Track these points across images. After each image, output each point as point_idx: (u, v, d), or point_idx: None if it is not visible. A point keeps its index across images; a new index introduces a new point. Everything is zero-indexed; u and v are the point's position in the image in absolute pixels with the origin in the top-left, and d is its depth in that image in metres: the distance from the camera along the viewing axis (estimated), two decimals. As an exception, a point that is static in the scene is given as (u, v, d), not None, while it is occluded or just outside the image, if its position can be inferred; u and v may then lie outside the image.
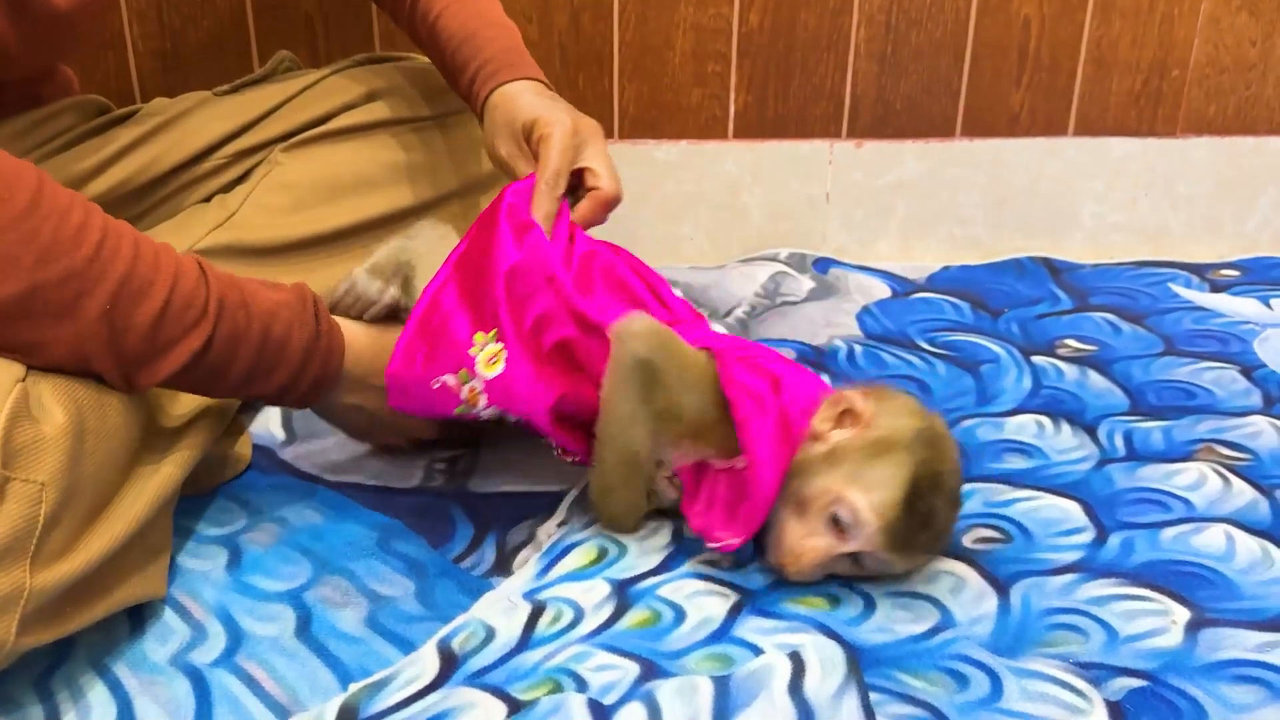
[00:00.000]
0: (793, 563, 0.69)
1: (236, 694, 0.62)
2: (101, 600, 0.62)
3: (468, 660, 0.65)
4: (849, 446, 0.68)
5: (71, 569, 0.58)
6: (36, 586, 0.55)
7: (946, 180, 1.31)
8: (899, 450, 0.67)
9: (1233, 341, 1.09)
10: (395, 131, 1.02)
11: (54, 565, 0.57)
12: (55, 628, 0.59)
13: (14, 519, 0.54)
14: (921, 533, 0.68)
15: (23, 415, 0.56)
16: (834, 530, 0.68)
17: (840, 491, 0.67)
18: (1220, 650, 0.65)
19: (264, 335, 0.68)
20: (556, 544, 0.76)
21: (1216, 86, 1.30)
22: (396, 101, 1.02)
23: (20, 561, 0.54)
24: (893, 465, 0.67)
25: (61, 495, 0.57)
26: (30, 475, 0.55)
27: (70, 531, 0.58)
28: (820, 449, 0.70)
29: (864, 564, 0.69)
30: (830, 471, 0.68)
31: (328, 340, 0.72)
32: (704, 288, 1.23)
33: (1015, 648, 0.66)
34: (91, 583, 0.60)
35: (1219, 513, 0.79)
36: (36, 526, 0.55)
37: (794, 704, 0.61)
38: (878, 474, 0.67)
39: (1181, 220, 1.35)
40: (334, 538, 0.77)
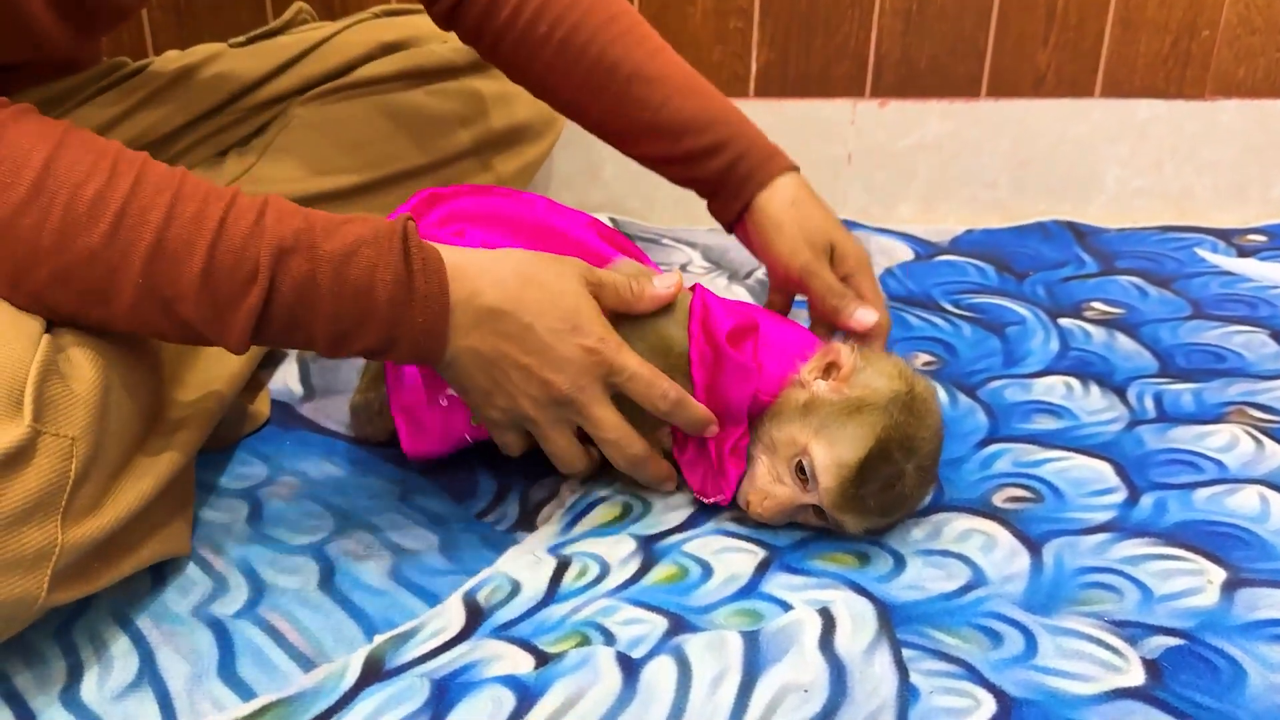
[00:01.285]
0: (756, 504, 0.69)
1: (260, 645, 0.61)
2: (129, 557, 0.61)
3: (494, 613, 0.64)
4: (825, 399, 0.68)
5: (101, 525, 0.57)
6: (68, 542, 0.55)
7: (970, 142, 1.29)
8: (872, 411, 0.66)
9: (1261, 306, 1.07)
10: (414, 85, 1.00)
11: (84, 521, 0.56)
12: (84, 584, 0.58)
13: (45, 474, 0.53)
14: (879, 496, 0.66)
15: (52, 370, 0.55)
16: (799, 480, 0.68)
17: (806, 443, 0.67)
18: (1257, 610, 0.64)
19: (338, 283, 0.60)
20: (580, 500, 0.75)
21: (1247, 48, 1.27)
22: (415, 55, 1.00)
23: (52, 517, 0.54)
24: (862, 426, 0.66)
25: (91, 450, 0.56)
26: (61, 430, 0.55)
27: (99, 487, 0.58)
28: (800, 396, 0.69)
29: (826, 518, 0.69)
30: (803, 421, 0.67)
31: (423, 280, 0.61)
32: (723, 249, 1.21)
33: (1049, 606, 0.65)
34: (118, 540, 0.60)
35: (1252, 474, 0.78)
36: (68, 482, 0.54)
37: (825, 659, 0.60)
38: (846, 432, 0.66)
39: (1207, 185, 1.33)
40: (355, 492, 0.76)
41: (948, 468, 0.79)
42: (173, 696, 0.58)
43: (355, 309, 0.61)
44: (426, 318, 0.62)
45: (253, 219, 0.59)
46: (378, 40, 0.99)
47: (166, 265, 0.57)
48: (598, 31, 0.82)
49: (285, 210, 0.60)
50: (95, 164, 0.57)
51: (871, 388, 0.68)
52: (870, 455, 0.65)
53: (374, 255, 0.60)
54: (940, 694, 0.58)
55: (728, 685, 0.58)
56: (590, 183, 1.30)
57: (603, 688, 0.58)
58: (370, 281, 0.60)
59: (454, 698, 0.57)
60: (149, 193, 0.58)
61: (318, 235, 0.60)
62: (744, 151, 0.83)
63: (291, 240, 0.59)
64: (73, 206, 0.56)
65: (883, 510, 0.67)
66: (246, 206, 0.59)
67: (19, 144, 0.56)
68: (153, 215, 0.57)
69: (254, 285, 0.58)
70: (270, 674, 0.59)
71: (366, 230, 0.61)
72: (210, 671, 0.59)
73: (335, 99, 0.98)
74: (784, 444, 0.68)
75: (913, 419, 0.67)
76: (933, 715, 0.56)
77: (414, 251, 0.61)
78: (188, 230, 0.58)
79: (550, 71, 0.84)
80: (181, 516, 0.68)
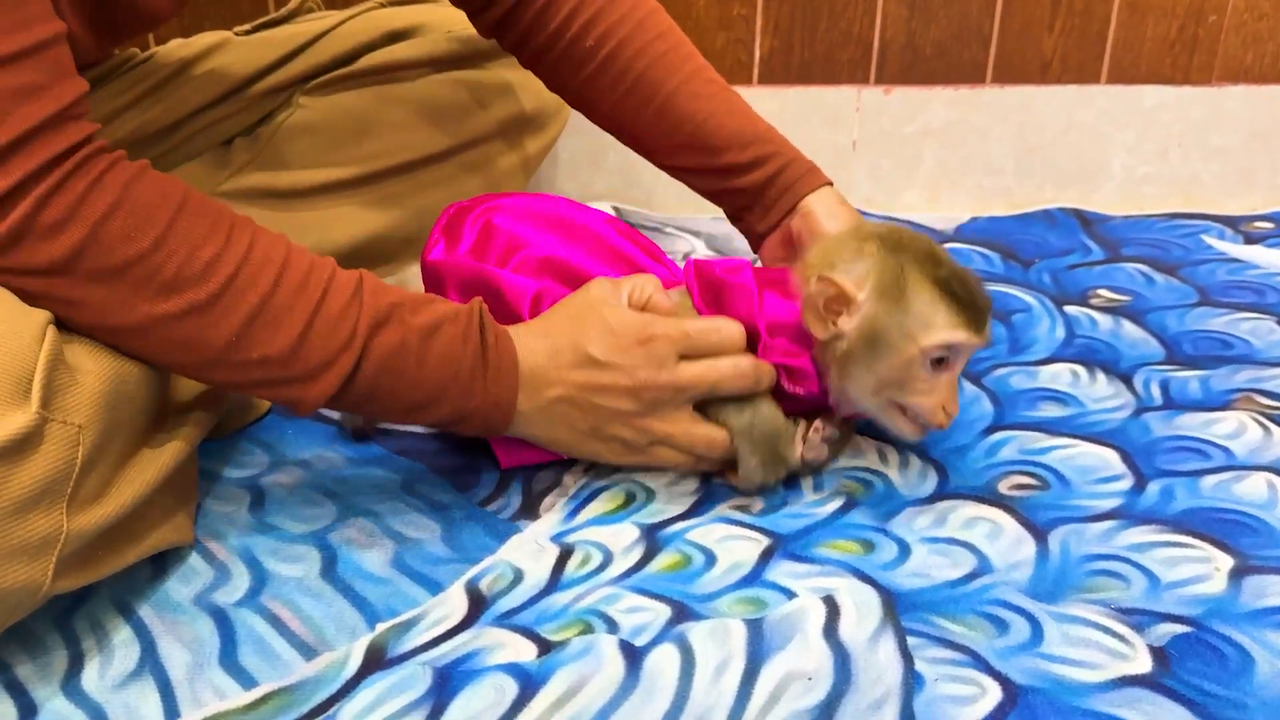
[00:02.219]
0: (946, 416, 0.68)
1: (261, 633, 0.61)
2: (132, 546, 0.62)
3: (496, 601, 0.63)
4: (870, 318, 0.66)
5: (105, 513, 0.57)
6: (73, 530, 0.55)
7: (976, 128, 1.28)
8: (904, 279, 0.66)
9: (1269, 293, 1.06)
10: (420, 74, 1.00)
11: (89, 509, 0.56)
12: (88, 572, 0.58)
13: (52, 461, 0.54)
14: (979, 302, 0.67)
15: (59, 359, 0.56)
16: (942, 368, 0.67)
17: (921, 344, 0.66)
18: (1265, 597, 0.64)
19: (424, 353, 0.64)
20: (583, 489, 0.75)
21: (1255, 33, 1.26)
22: (422, 44, 1.00)
23: (58, 504, 0.54)
24: (916, 289, 0.66)
25: (97, 439, 0.56)
26: (68, 417, 0.55)
27: (104, 475, 0.58)
28: (848, 342, 0.68)
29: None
30: (886, 347, 0.66)
31: (495, 355, 0.66)
32: (727, 238, 1.21)
33: (1055, 593, 0.64)
34: (123, 528, 0.60)
35: (1260, 461, 0.77)
36: (74, 469, 0.55)
37: (829, 647, 0.59)
38: (917, 305, 0.66)
39: (1214, 172, 1.32)
40: (358, 480, 0.75)
41: (954, 455, 0.78)
42: (174, 685, 0.58)
43: (438, 378, 0.65)
44: (498, 387, 0.66)
45: (351, 291, 0.63)
46: (383, 29, 0.99)
47: (263, 328, 0.60)
48: (643, 49, 0.83)
49: (379, 287, 0.65)
50: (214, 227, 0.60)
51: (866, 269, 0.67)
52: (947, 291, 0.65)
53: (456, 330, 0.65)
54: (945, 682, 0.57)
55: (731, 673, 0.58)
56: (594, 171, 1.30)
57: (605, 676, 0.58)
58: (451, 354, 0.65)
59: (456, 686, 0.57)
60: (259, 260, 0.61)
61: (407, 311, 0.64)
62: (787, 164, 0.83)
63: (386, 313, 0.63)
64: (189, 264, 0.59)
65: (988, 298, 0.68)
66: (346, 280, 0.63)
67: (145, 199, 0.58)
68: (262, 280, 0.60)
69: (347, 352, 0.62)
70: (272, 662, 0.59)
71: (448, 308, 0.66)
72: (212, 660, 0.59)
73: (340, 88, 0.97)
74: (902, 371, 0.67)
75: (909, 243, 0.68)
76: (937, 703, 0.56)
77: (489, 328, 0.66)
78: (291, 297, 0.61)
79: (591, 85, 0.85)
80: (185, 506, 0.68)
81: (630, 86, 0.83)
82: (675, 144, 0.84)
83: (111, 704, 0.56)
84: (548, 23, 0.83)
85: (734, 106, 0.84)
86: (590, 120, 0.89)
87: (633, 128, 0.86)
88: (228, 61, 0.95)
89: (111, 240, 0.57)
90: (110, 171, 0.57)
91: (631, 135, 0.87)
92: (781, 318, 0.71)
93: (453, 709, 0.56)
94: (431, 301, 0.66)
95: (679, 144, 0.84)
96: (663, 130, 0.84)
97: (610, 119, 0.87)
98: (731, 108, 0.84)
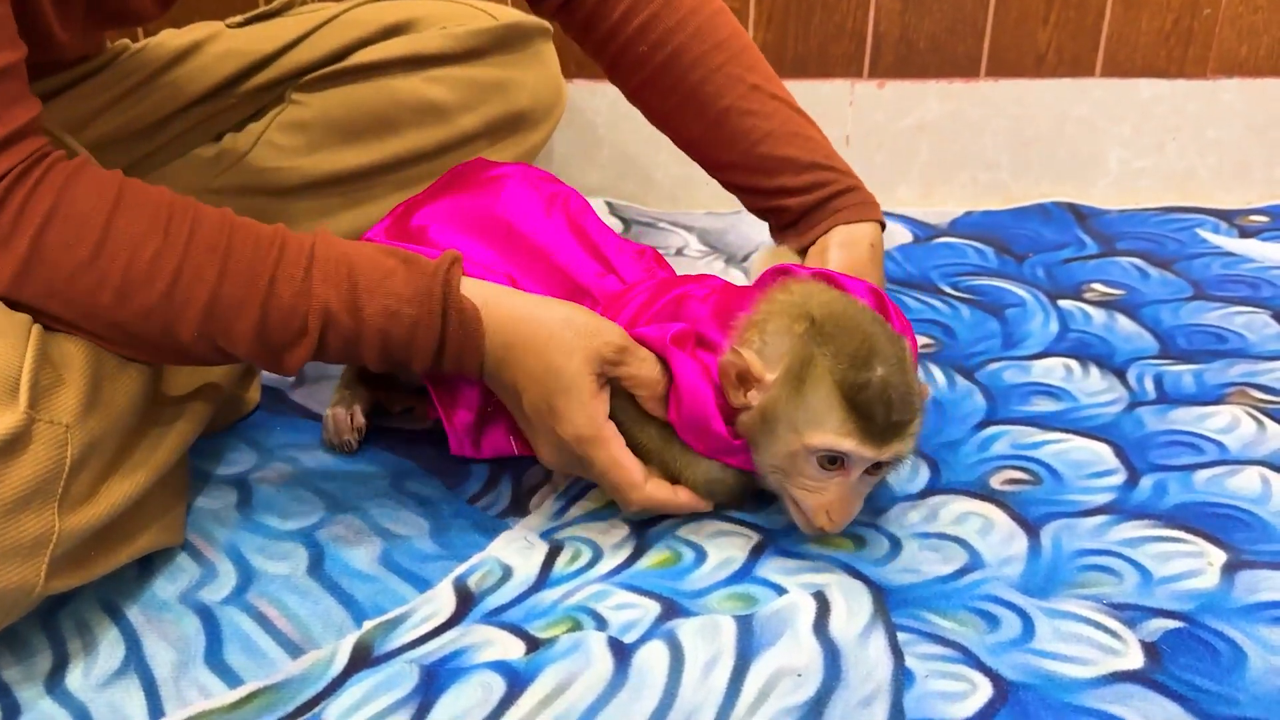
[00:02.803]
0: (831, 520, 0.64)
1: (248, 631, 0.61)
2: (124, 547, 0.62)
3: (485, 598, 0.63)
4: (771, 400, 0.63)
5: (97, 514, 0.57)
6: (65, 530, 0.55)
7: (970, 122, 1.28)
8: (808, 370, 0.62)
9: (1264, 286, 1.06)
10: (415, 69, 0.99)
11: (81, 509, 0.56)
12: (80, 573, 0.58)
13: (42, 461, 0.54)
14: (890, 415, 0.61)
15: (45, 359, 0.56)
16: (832, 469, 0.63)
17: (803, 443, 0.62)
18: (1258, 592, 0.63)
19: (383, 341, 0.63)
20: (573, 485, 0.74)
21: (1249, 26, 1.26)
22: (415, 40, 0.99)
23: (49, 504, 0.54)
24: (816, 386, 0.61)
25: (86, 438, 0.56)
26: (55, 417, 0.55)
27: (96, 475, 0.58)
28: (751, 419, 0.64)
29: (879, 470, 0.65)
30: (776, 433, 0.63)
31: (459, 339, 0.63)
32: (720, 232, 1.20)
33: (1046, 589, 0.64)
34: (116, 528, 0.60)
35: (1253, 455, 0.77)
36: (64, 469, 0.55)
37: (819, 643, 0.59)
38: (812, 404, 0.61)
39: (1210, 165, 1.31)
40: (346, 477, 0.75)
41: (945, 450, 0.78)
42: (159, 684, 0.57)
43: (399, 355, 0.64)
44: (457, 365, 0.65)
45: (300, 277, 0.61)
46: (379, 23, 0.98)
47: (221, 321, 0.60)
48: (701, 59, 0.80)
49: (330, 266, 0.62)
50: (151, 222, 0.59)
51: (785, 348, 0.63)
52: (846, 396, 0.61)
53: (415, 316, 0.63)
54: (936, 678, 0.57)
55: (720, 670, 0.57)
56: (587, 165, 1.29)
57: (594, 673, 0.57)
58: (410, 339, 0.63)
59: (443, 684, 0.57)
60: (202, 250, 0.60)
61: (361, 296, 0.62)
62: (844, 190, 0.81)
63: (336, 303, 0.62)
64: (131, 268, 0.58)
65: (906, 411, 0.62)
66: (293, 261, 0.61)
67: (80, 204, 0.58)
68: (208, 273, 0.60)
69: (304, 338, 0.62)
70: (258, 661, 0.59)
71: (408, 289, 0.63)
72: (197, 658, 0.59)
73: (333, 84, 0.97)
74: (788, 461, 0.64)
75: (840, 332, 0.62)
76: (928, 700, 0.56)
77: (452, 314, 0.63)
78: (240, 289, 0.60)
79: (645, 91, 0.84)
80: (177, 507, 0.68)
81: (684, 99, 0.81)
82: (728, 162, 0.83)
83: (96, 703, 0.56)
84: (606, 16, 0.81)
85: (794, 129, 0.81)
86: (649, 122, 0.87)
87: (687, 137, 0.85)
88: (219, 56, 0.94)
89: (53, 252, 0.57)
90: (46, 176, 0.58)
91: (686, 144, 0.86)
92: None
93: (439, 707, 0.55)
94: (390, 276, 0.63)
95: (731, 162, 0.83)
96: (715, 146, 0.82)
97: (664, 125, 0.86)
98: (791, 129, 0.81)
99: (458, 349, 0.64)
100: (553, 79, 1.07)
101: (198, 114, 0.94)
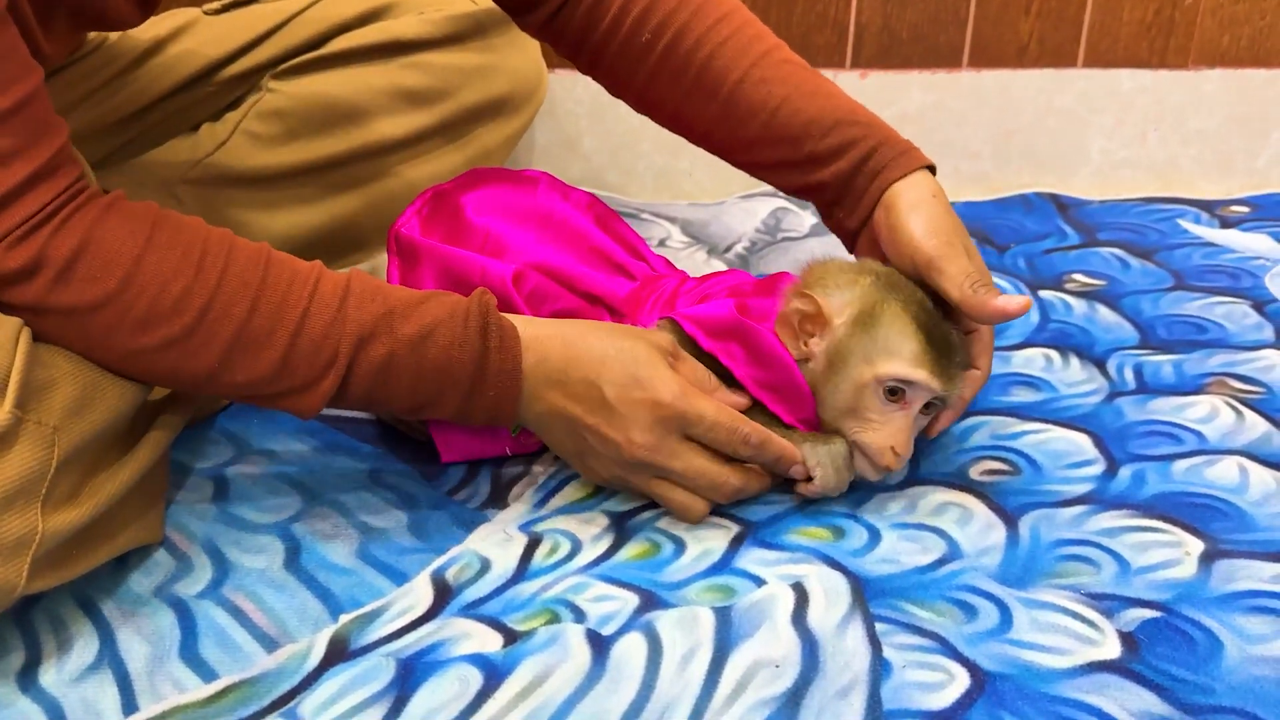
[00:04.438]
0: (894, 458, 0.66)
1: (223, 625, 0.60)
2: (105, 545, 0.61)
3: (462, 591, 0.63)
4: (841, 340, 0.67)
5: (80, 514, 0.57)
6: (48, 530, 0.54)
7: (953, 113, 1.27)
8: (882, 309, 0.66)
9: (1244, 277, 1.06)
10: (393, 57, 0.98)
11: (64, 509, 0.56)
12: (61, 572, 0.58)
13: (27, 461, 0.53)
14: (954, 354, 0.67)
15: (34, 360, 0.56)
16: (894, 402, 0.66)
17: (876, 371, 0.65)
18: (1235, 581, 0.63)
19: (417, 363, 0.62)
20: (552, 477, 0.74)
21: (1230, 16, 1.26)
22: (392, 27, 0.98)
23: (33, 504, 0.54)
24: (891, 321, 0.66)
25: (72, 439, 0.56)
26: (43, 418, 0.55)
27: (80, 476, 0.58)
28: (816, 364, 0.68)
29: (930, 410, 0.69)
30: (845, 368, 0.66)
31: (498, 357, 0.63)
32: (703, 223, 1.20)
33: (1024, 579, 0.64)
34: (97, 528, 0.60)
35: (1232, 445, 0.77)
36: (49, 470, 0.54)
37: (798, 634, 0.59)
38: (887, 337, 0.65)
39: (1192, 156, 1.31)
40: (324, 470, 0.75)
41: (924, 440, 0.77)
42: (133, 678, 0.57)
43: (433, 386, 0.63)
44: (498, 390, 0.63)
45: (335, 306, 0.61)
46: (356, 9, 0.97)
47: (245, 355, 0.60)
48: (705, 35, 0.75)
49: (366, 294, 0.62)
50: (184, 259, 0.59)
51: (852, 297, 0.67)
52: (921, 329, 0.65)
53: (450, 336, 0.62)
54: (913, 668, 0.57)
55: (698, 662, 0.57)
56: (569, 156, 1.28)
57: (572, 665, 0.57)
58: (447, 361, 0.62)
59: (420, 677, 0.56)
60: (234, 286, 0.60)
61: (396, 319, 0.61)
62: (876, 146, 0.72)
63: (371, 327, 0.61)
64: (159, 301, 0.58)
65: (964, 355, 0.69)
66: (329, 294, 0.61)
67: (110, 240, 0.58)
68: (237, 308, 0.59)
69: (331, 369, 0.61)
70: (233, 654, 0.58)
71: (444, 310, 0.62)
72: (172, 652, 0.58)
73: (310, 72, 0.96)
74: (855, 397, 0.66)
75: (903, 285, 0.68)
76: (905, 690, 0.56)
77: (491, 329, 0.63)
78: (270, 321, 0.60)
79: (652, 85, 0.77)
80: (156, 505, 0.68)
81: (694, 81, 0.75)
82: (749, 139, 0.76)
83: (68, 698, 0.55)
84: (599, 19, 0.77)
85: (812, 87, 0.74)
86: (661, 125, 0.81)
87: (701, 125, 0.78)
88: (196, 44, 0.93)
89: (78, 283, 0.57)
90: (77, 214, 0.57)
91: (703, 134, 0.79)
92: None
93: (415, 701, 0.55)
94: (426, 301, 0.63)
95: (753, 138, 0.75)
96: (733, 125, 0.76)
97: (678, 120, 0.79)
98: (808, 89, 0.74)
99: (497, 369, 0.63)
100: (533, 64, 1.06)
101: (175, 104, 0.93)
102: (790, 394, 0.68)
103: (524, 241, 0.75)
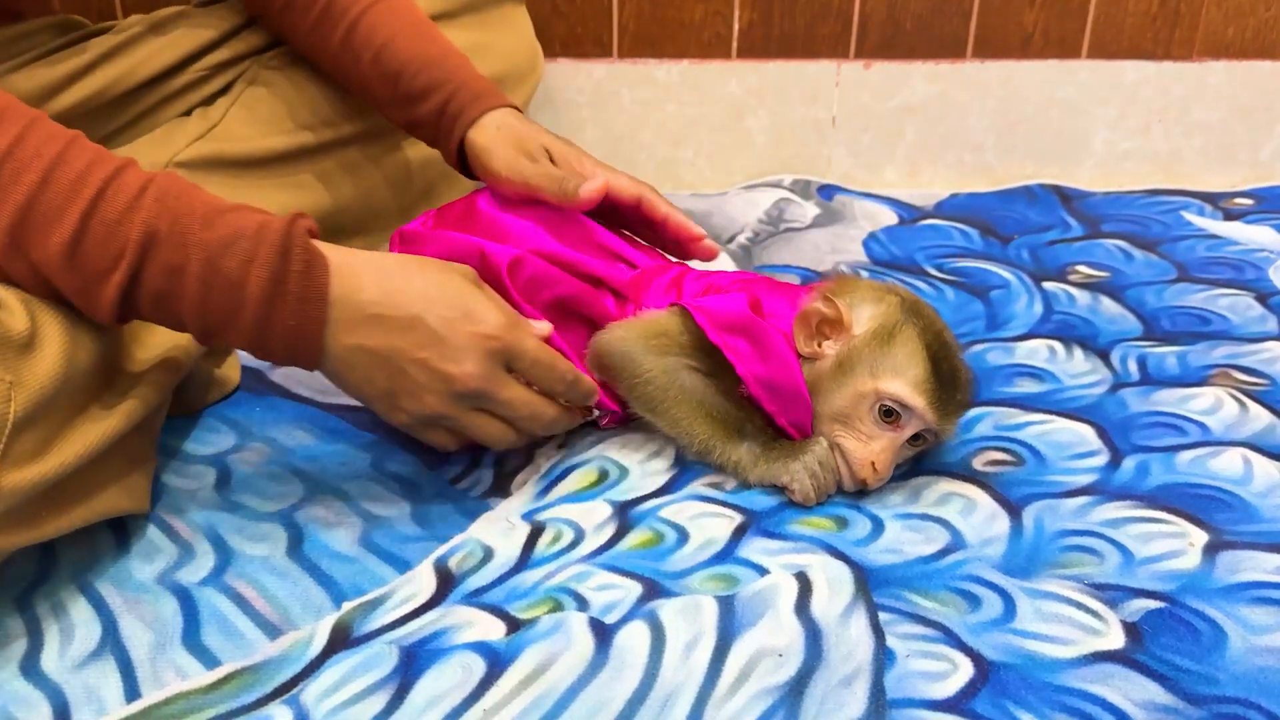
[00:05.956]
0: (874, 472, 0.68)
1: (225, 612, 0.60)
2: (79, 507, 0.60)
3: (465, 579, 0.63)
4: (854, 348, 0.68)
5: (43, 471, 0.55)
6: (7, 486, 0.53)
7: (956, 104, 1.27)
8: (900, 329, 0.68)
9: (1247, 269, 1.06)
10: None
11: (26, 466, 0.54)
12: (29, 531, 0.56)
13: None
14: (956, 392, 0.68)
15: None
16: (887, 423, 0.67)
17: (874, 387, 0.66)
18: (1239, 572, 0.63)
19: (209, 274, 0.57)
20: (556, 466, 0.74)
21: (1235, 7, 1.26)
22: None
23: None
24: (905, 343, 0.67)
25: (32, 395, 0.54)
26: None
27: (46, 433, 0.56)
28: (824, 365, 0.69)
29: (921, 442, 0.70)
30: (852, 377, 0.67)
31: (301, 282, 0.58)
32: (705, 214, 1.20)
33: (1028, 569, 0.64)
34: (67, 488, 0.58)
35: (1236, 436, 0.77)
36: (6, 425, 0.53)
37: (801, 623, 0.59)
38: (896, 357, 0.67)
39: (1195, 148, 1.31)
40: (326, 458, 0.74)
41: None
42: (135, 665, 0.57)
43: (223, 302, 0.58)
44: (299, 319, 0.59)
45: (134, 194, 0.56)
46: None
47: (34, 230, 0.55)
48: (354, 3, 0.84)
49: (171, 191, 0.57)
50: None
51: (875, 312, 0.69)
52: (931, 359, 0.66)
53: (248, 250, 0.57)
54: (917, 657, 0.57)
55: (701, 650, 0.57)
56: (570, 146, 1.28)
57: (575, 654, 0.57)
58: (242, 276, 0.57)
59: (422, 665, 0.56)
60: (27, 154, 0.55)
61: (196, 222, 0.57)
62: (454, 92, 0.81)
63: (168, 224, 0.57)
64: None
65: (967, 394, 0.69)
66: (131, 181, 0.57)
67: None
68: (28, 175, 0.55)
69: (121, 262, 0.56)
70: (235, 642, 0.58)
71: (249, 223, 0.58)
72: (174, 640, 0.58)
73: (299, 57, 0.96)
74: (851, 405, 0.68)
75: (925, 313, 0.69)
76: (909, 679, 0.55)
77: (296, 251, 0.58)
78: (62, 197, 0.55)
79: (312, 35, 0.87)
80: (140, 472, 0.66)
81: (319, 15, 0.84)
82: (362, 74, 0.84)
83: (70, 685, 0.55)
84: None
85: (419, 31, 0.82)
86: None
87: (324, 58, 0.86)
88: (186, 31, 0.93)
89: None
90: None
91: (330, 70, 0.87)
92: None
93: (418, 688, 0.55)
94: (233, 212, 0.58)
95: (365, 74, 0.83)
96: (350, 59, 0.84)
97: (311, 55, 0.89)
98: (416, 32, 0.82)
99: (299, 295, 0.58)
100: (526, 43, 1.06)
101: (166, 89, 0.93)
102: (788, 395, 0.69)
103: (526, 230, 0.75)
